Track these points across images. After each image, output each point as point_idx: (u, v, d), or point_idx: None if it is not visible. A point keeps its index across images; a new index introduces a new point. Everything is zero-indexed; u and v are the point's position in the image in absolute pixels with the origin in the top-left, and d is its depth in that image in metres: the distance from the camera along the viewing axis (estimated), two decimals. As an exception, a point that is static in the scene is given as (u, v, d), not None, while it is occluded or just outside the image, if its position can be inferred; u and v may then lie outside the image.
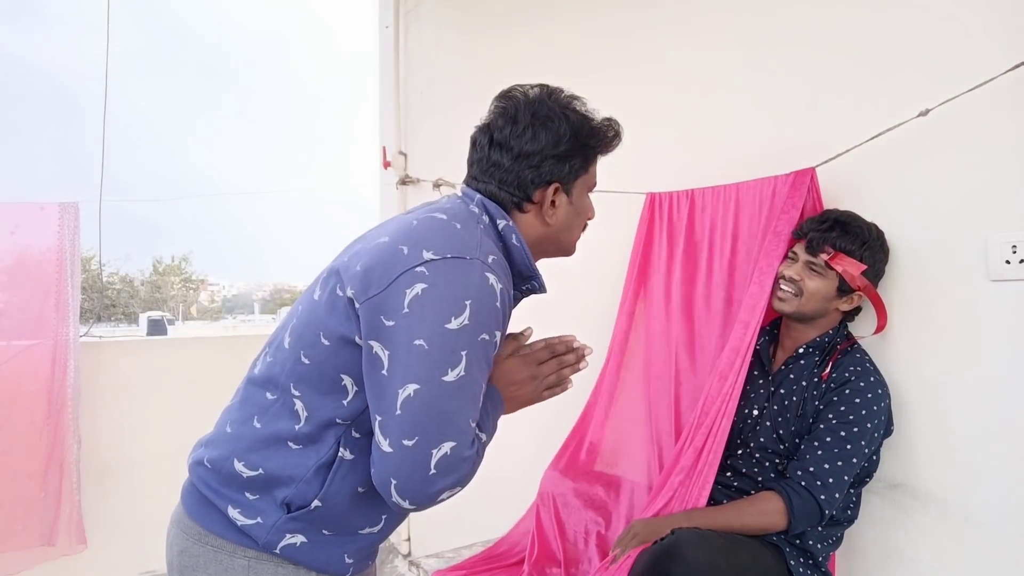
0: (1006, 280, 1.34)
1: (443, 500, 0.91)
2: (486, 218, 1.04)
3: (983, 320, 1.38)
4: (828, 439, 1.38)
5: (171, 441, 3.01)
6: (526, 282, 1.10)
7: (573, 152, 1.07)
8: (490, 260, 0.94)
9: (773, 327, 1.65)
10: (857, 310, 1.53)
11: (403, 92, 3.30)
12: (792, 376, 1.52)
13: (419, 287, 0.89)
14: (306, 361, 0.95)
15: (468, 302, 0.89)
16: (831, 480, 1.35)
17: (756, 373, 1.61)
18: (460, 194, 1.09)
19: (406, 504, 0.88)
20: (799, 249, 1.52)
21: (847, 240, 1.45)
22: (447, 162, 2.93)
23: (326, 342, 0.94)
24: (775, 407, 1.52)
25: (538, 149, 1.04)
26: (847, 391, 1.41)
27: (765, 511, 1.37)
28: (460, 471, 0.89)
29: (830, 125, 1.61)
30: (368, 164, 3.66)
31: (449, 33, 3.05)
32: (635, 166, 2.12)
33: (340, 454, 0.96)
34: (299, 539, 0.96)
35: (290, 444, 0.96)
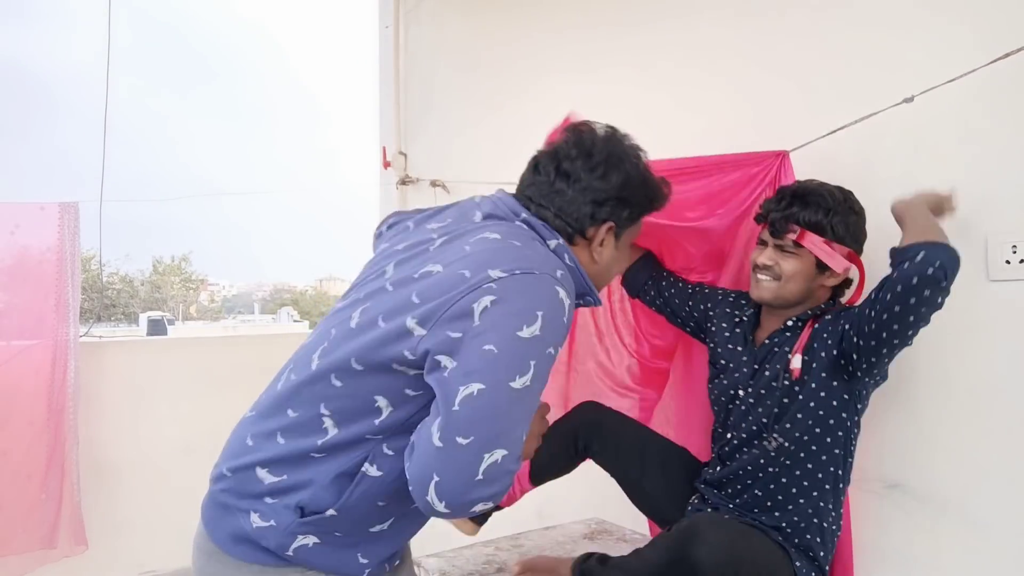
0: (1006, 280, 1.34)
1: (474, 512, 0.86)
2: (536, 235, 1.02)
3: (983, 320, 1.38)
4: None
5: (171, 441, 3.02)
6: (580, 298, 1.07)
7: (635, 200, 1.07)
8: (559, 275, 0.92)
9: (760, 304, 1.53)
10: (848, 282, 1.44)
11: (403, 92, 3.29)
12: (776, 350, 1.43)
13: (487, 300, 0.86)
14: (337, 384, 0.93)
15: (540, 313, 0.86)
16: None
17: (740, 349, 1.50)
18: (492, 209, 1.05)
19: (441, 506, 0.83)
20: (765, 234, 1.42)
21: (809, 212, 1.35)
22: (447, 162, 2.93)
23: (358, 367, 0.92)
24: (761, 389, 1.42)
25: (606, 187, 1.04)
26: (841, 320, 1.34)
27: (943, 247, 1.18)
28: (503, 483, 0.84)
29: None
30: (368, 164, 3.66)
31: (449, 33, 3.05)
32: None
33: (364, 469, 0.94)
34: (311, 540, 0.96)
35: (313, 455, 0.95)
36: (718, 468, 1.51)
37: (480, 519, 1.66)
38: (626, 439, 1.64)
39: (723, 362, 1.54)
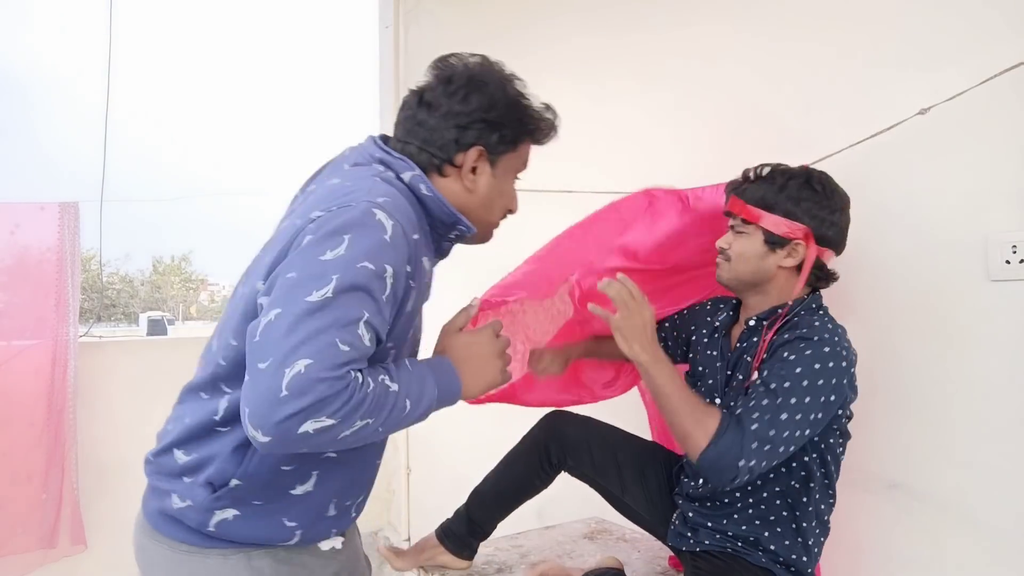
0: (1006, 280, 1.34)
1: (310, 435, 0.79)
2: (390, 174, 1.00)
3: (983, 320, 1.38)
4: (766, 402, 1.20)
5: (171, 441, 3.01)
6: (451, 230, 1.06)
7: (504, 122, 1.04)
8: (380, 200, 0.90)
9: (739, 303, 1.49)
10: (823, 272, 1.38)
11: (403, 92, 3.29)
12: (744, 357, 1.38)
13: (306, 239, 0.87)
14: (223, 363, 0.95)
15: (347, 236, 0.85)
16: (761, 445, 1.16)
17: (715, 354, 1.47)
18: (357, 157, 1.05)
19: (260, 437, 0.78)
20: (729, 220, 1.41)
21: (754, 189, 1.34)
22: (447, 162, 2.92)
23: (234, 342, 0.94)
24: (731, 394, 1.39)
25: (468, 110, 1.01)
26: (784, 352, 1.25)
27: (695, 423, 1.20)
28: (317, 392, 0.77)
29: (829, 123, 1.60)
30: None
31: (449, 33, 3.05)
32: (634, 166, 2.12)
33: None
34: (231, 513, 0.96)
35: (218, 428, 0.96)
36: (701, 481, 1.45)
37: (468, 553, 1.65)
38: (599, 452, 1.61)
39: (700, 368, 1.52)
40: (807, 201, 1.33)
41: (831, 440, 1.33)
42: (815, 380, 1.20)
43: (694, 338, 1.58)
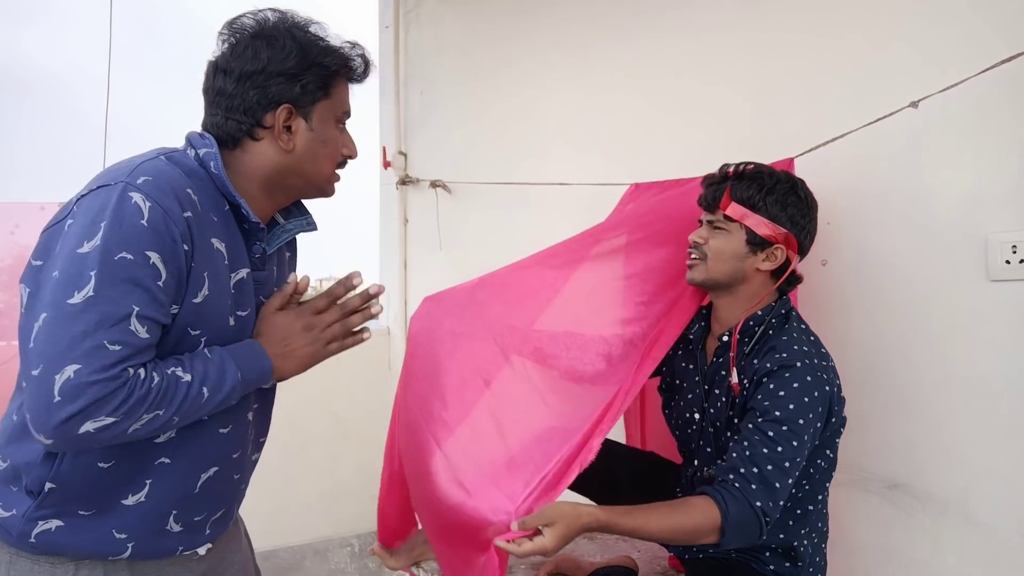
0: (1006, 280, 1.34)
1: (92, 434, 0.81)
2: (191, 151, 0.98)
3: (983, 320, 1.38)
4: (756, 438, 1.18)
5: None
6: (287, 196, 1.06)
7: (303, 70, 0.99)
8: (140, 181, 0.87)
9: (709, 310, 1.45)
10: (790, 276, 1.35)
11: (403, 92, 3.29)
12: (724, 372, 1.33)
13: (67, 224, 0.87)
14: (22, 355, 0.92)
15: (102, 224, 0.84)
16: (766, 484, 1.15)
17: (692, 367, 1.44)
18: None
19: (44, 440, 0.82)
20: (703, 215, 1.38)
21: (742, 187, 1.30)
22: (447, 162, 2.92)
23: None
24: (711, 410, 1.36)
25: (261, 68, 0.97)
26: (771, 384, 1.21)
27: (695, 520, 1.14)
28: (89, 395, 0.79)
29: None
30: (368, 164, 3.65)
31: (449, 33, 3.05)
32: (632, 162, 2.12)
33: None
34: (54, 524, 0.92)
35: (27, 428, 0.92)
36: (679, 492, 1.44)
37: None
38: (596, 469, 1.56)
39: (677, 381, 1.49)
40: (792, 207, 1.32)
41: (826, 440, 1.31)
42: (805, 412, 1.18)
43: (669, 352, 1.53)
